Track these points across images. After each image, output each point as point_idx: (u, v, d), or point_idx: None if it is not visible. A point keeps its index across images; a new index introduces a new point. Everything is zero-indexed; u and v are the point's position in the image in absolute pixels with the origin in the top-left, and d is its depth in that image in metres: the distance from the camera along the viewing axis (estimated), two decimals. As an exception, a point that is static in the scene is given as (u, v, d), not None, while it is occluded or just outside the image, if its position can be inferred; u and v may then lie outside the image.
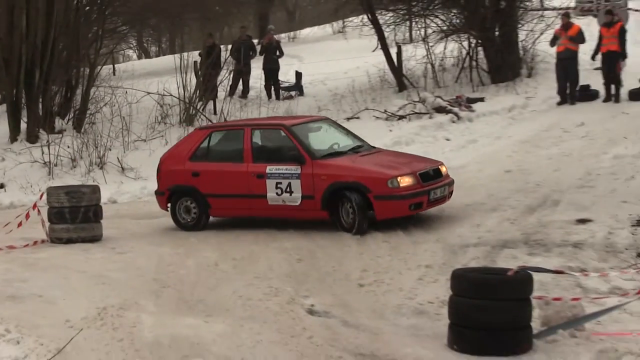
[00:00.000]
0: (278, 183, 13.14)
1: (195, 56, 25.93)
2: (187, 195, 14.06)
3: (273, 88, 26.29)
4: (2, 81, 23.56)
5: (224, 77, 25.24)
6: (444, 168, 13.68)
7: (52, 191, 13.91)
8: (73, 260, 12.33)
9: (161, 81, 24.66)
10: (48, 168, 20.09)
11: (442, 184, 13.18)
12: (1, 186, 19.71)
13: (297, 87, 26.71)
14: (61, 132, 22.26)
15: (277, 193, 13.14)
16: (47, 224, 13.79)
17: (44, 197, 14.06)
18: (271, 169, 13.24)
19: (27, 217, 14.09)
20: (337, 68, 29.42)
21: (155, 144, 21.04)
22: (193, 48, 33.72)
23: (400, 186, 12.58)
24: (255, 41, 29.24)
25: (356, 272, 10.96)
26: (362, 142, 14.34)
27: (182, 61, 23.66)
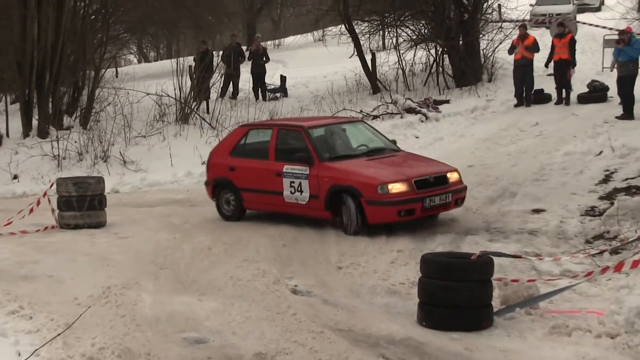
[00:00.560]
0: (292, 182, 12.55)
1: (190, 61, 25.77)
2: (226, 187, 13.58)
3: (260, 90, 26.25)
4: (16, 82, 23.72)
5: (216, 80, 25.16)
6: (455, 175, 12.49)
7: (61, 182, 13.92)
8: (80, 244, 12.33)
9: (159, 83, 24.58)
10: (57, 161, 20.00)
11: (444, 192, 12.04)
12: (15, 177, 19.65)
13: (282, 89, 26.67)
14: (69, 129, 22.18)
15: (291, 191, 12.56)
16: (57, 212, 13.78)
17: (54, 187, 14.03)
18: (287, 168, 12.64)
19: (38, 204, 14.06)
20: (318, 72, 29.39)
21: (154, 140, 20.97)
22: (188, 53, 33.53)
23: (389, 192, 11.69)
24: (244, 48, 29.19)
25: (335, 256, 10.97)
26: (388, 145, 13.40)
27: (178, 65, 23.56)
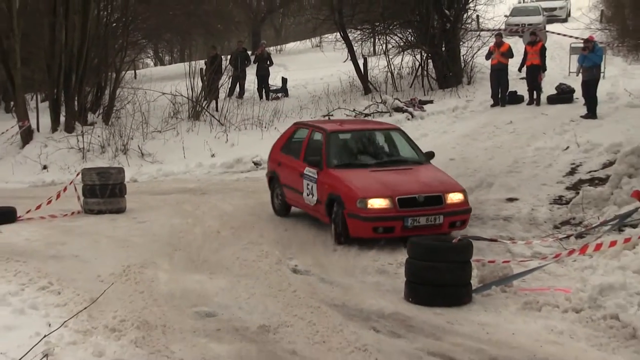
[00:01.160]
0: (308, 184, 11.51)
1: (201, 64, 25.75)
2: (276, 182, 12.76)
3: (264, 90, 26.19)
4: (45, 83, 23.62)
5: (224, 81, 25.12)
6: (457, 196, 10.78)
7: (86, 172, 13.92)
8: (102, 227, 12.33)
9: (173, 84, 24.47)
10: (82, 153, 19.95)
11: (434, 212, 10.39)
12: (44, 167, 19.64)
13: (283, 90, 26.61)
14: (93, 124, 22.16)
15: (307, 193, 11.59)
16: (82, 198, 13.77)
17: (79, 177, 14.02)
18: (306, 170, 11.58)
19: (64, 190, 14.07)
20: (316, 75, 29.35)
21: (168, 135, 20.92)
22: (199, 57, 33.50)
23: (367, 207, 10.33)
24: (249, 52, 29.12)
25: (331, 240, 10.94)
26: (412, 157, 11.89)
27: (190, 68, 23.50)
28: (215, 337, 7.18)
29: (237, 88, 26.33)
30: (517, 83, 22.32)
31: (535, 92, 21.18)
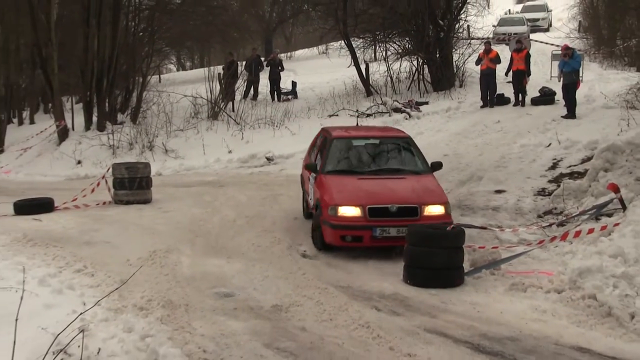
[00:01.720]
0: (311, 187, 10.72)
1: (219, 69, 25.68)
2: (302, 186, 12.04)
3: (275, 93, 26.14)
4: (80, 86, 23.80)
5: (240, 85, 25.11)
6: (437, 208, 9.41)
7: (116, 166, 13.95)
8: (131, 216, 12.34)
9: (194, 87, 24.50)
10: (112, 149, 20.00)
11: (406, 224, 8.82)
12: (79, 162, 19.71)
13: (293, 93, 26.54)
14: (122, 124, 22.23)
15: (310, 197, 10.91)
16: (112, 190, 13.80)
17: (110, 171, 14.04)
18: (311, 174, 10.75)
19: (98, 185, 14.09)
20: (322, 79, 29.26)
21: (190, 133, 20.94)
22: (217, 63, 33.41)
23: (337, 215, 9.30)
24: (262, 59, 29.06)
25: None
26: (409, 167, 10.62)
27: (209, 73, 23.54)
28: (232, 315, 7.18)
29: (252, 91, 26.29)
30: (504, 86, 22.21)
31: (520, 95, 21.10)
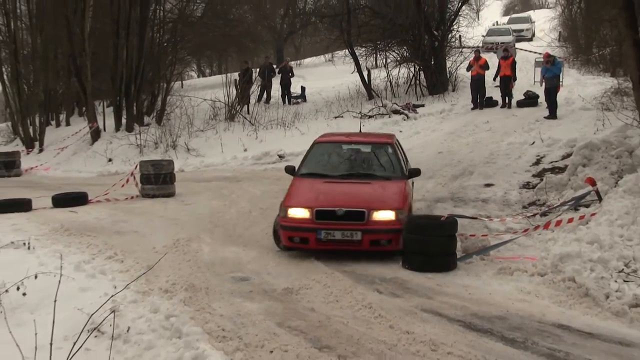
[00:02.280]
0: None
1: (235, 76, 25.73)
2: None
3: (286, 97, 26.17)
4: (110, 92, 23.93)
5: (254, 90, 25.13)
6: (387, 214, 8.48)
7: (143, 163, 13.97)
8: (156, 208, 12.37)
9: (213, 92, 24.61)
10: (139, 148, 20.05)
11: (351, 228, 8.33)
12: (109, 160, 19.77)
13: (302, 97, 26.56)
14: (148, 125, 22.35)
15: None
16: (139, 185, 13.82)
17: (138, 167, 14.06)
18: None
19: (127, 181, 14.12)
20: (328, 84, 29.26)
21: (209, 133, 20.98)
22: (233, 70, 33.41)
23: (287, 217, 8.64)
24: (274, 66, 29.06)
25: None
26: (381, 173, 9.51)
27: (226, 79, 23.62)
28: (248, 297, 7.17)
29: (265, 95, 26.32)
30: (493, 90, 22.20)
31: (507, 98, 21.12)
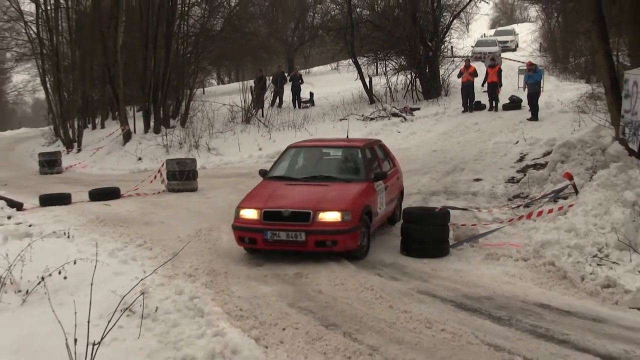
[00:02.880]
0: None
1: (250, 83, 25.73)
2: None
3: (296, 102, 26.15)
4: (140, 98, 24.01)
5: (268, 95, 25.11)
6: (333, 215, 7.61)
7: (169, 161, 13.99)
8: (181, 202, 12.39)
9: (231, 97, 24.58)
10: (166, 148, 20.07)
11: (295, 229, 7.57)
12: (139, 159, 19.81)
13: (311, 101, 26.52)
14: (173, 127, 22.39)
15: None
16: (166, 181, 13.84)
17: (164, 165, 14.08)
18: None
19: (155, 178, 14.15)
20: (334, 90, 29.21)
21: (227, 135, 20.98)
22: (249, 78, 33.41)
23: (239, 217, 8.00)
24: (286, 74, 29.02)
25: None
26: (346, 177, 8.63)
27: (243, 86, 23.64)
28: (263, 281, 7.18)
29: (277, 100, 26.31)
30: (481, 95, 22.11)
31: (494, 102, 21.08)
